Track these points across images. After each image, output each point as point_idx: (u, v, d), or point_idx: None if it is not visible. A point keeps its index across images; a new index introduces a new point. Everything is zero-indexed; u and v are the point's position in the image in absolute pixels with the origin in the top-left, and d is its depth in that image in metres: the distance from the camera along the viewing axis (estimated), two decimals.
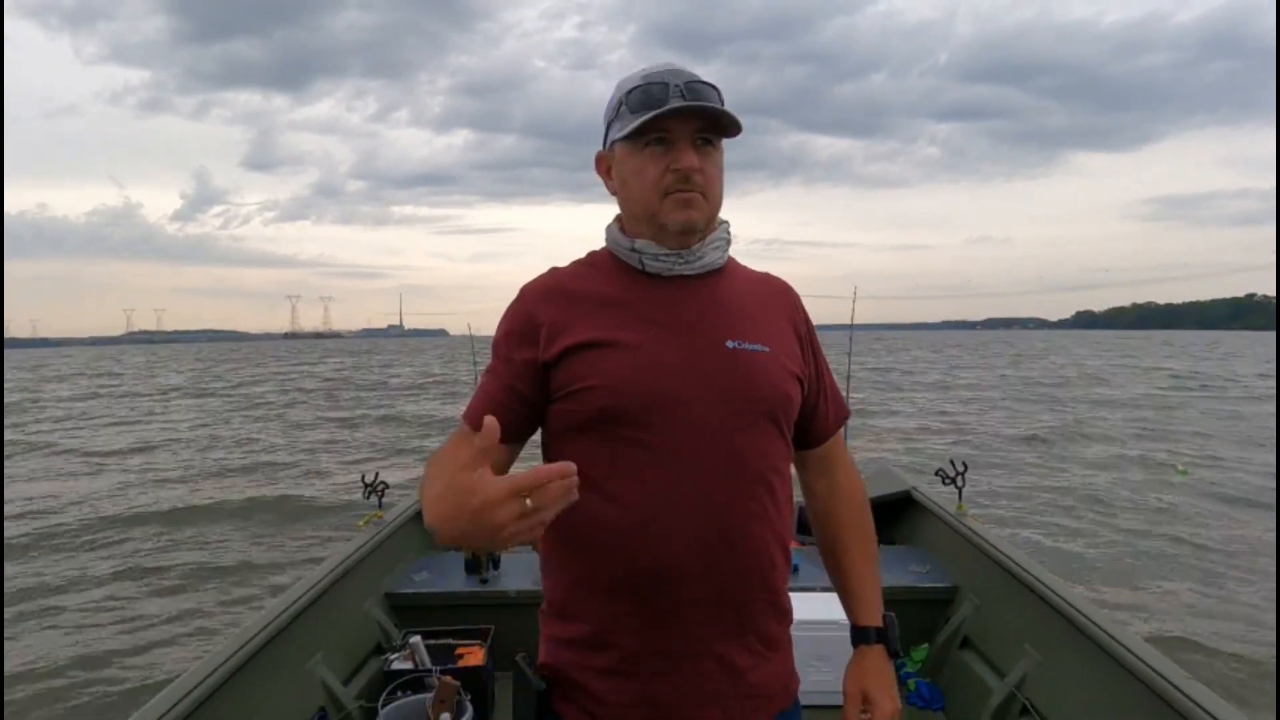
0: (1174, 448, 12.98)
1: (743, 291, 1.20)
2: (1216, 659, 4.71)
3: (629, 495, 1.08)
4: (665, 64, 1.14)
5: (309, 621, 2.48)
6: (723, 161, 1.16)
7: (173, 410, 22.66)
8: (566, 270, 1.21)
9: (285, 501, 9.21)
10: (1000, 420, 17.05)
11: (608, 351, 1.09)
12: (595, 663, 1.11)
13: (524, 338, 1.13)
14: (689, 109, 1.09)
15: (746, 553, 1.10)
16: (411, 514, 3.57)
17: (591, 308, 1.14)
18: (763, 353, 1.14)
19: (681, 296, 1.15)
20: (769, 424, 1.14)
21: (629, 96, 1.12)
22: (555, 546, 1.15)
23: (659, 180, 1.11)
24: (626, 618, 1.09)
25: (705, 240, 1.16)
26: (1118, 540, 7.35)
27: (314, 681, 2.44)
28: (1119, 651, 2.05)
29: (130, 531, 7.89)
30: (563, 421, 1.13)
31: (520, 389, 1.13)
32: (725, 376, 1.11)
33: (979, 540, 2.97)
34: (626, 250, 1.16)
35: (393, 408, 21.26)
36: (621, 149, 1.15)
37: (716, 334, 1.13)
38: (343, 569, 2.78)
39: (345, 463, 12.30)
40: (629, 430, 1.08)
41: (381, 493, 3.44)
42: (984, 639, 2.78)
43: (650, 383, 1.08)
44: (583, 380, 1.09)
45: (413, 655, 2.66)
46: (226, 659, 2.04)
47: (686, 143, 1.10)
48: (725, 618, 1.10)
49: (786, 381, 1.16)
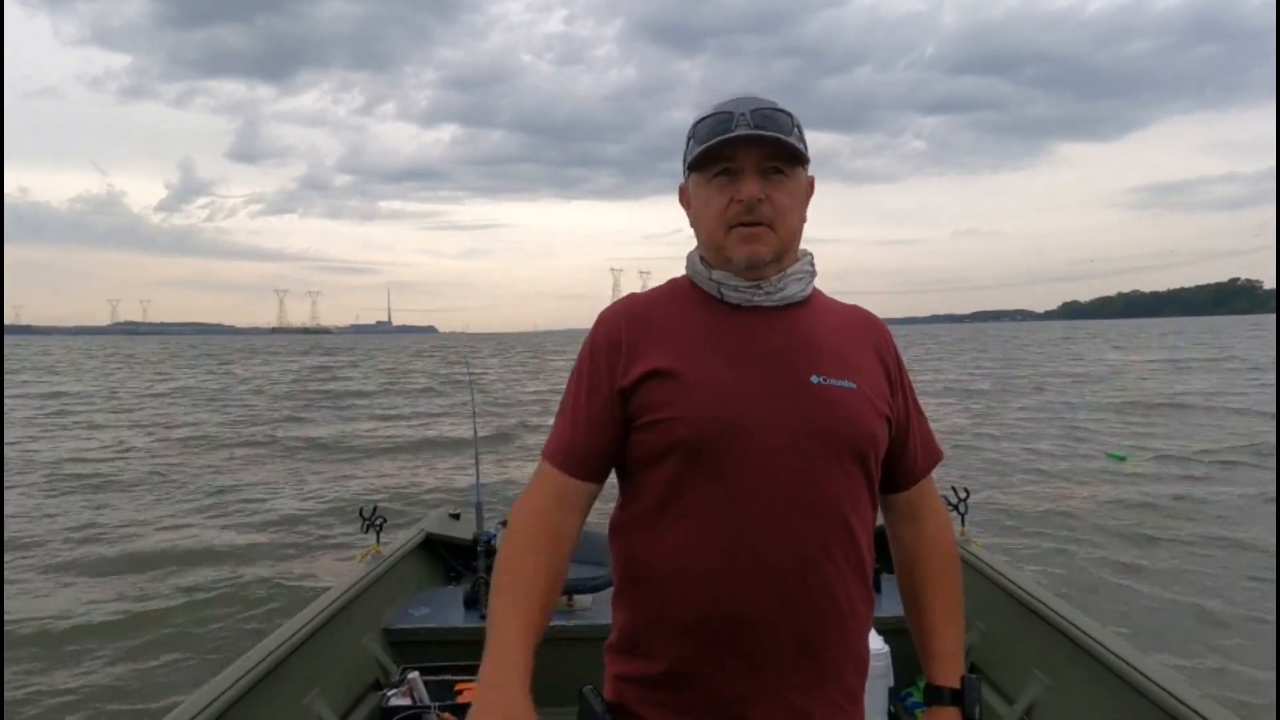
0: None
1: (829, 325, 1.16)
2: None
3: (706, 533, 1.05)
4: (738, 93, 1.12)
5: (306, 656, 2.43)
6: (800, 190, 1.13)
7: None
8: (645, 296, 1.20)
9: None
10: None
11: (687, 382, 1.07)
12: (664, 700, 1.08)
13: (608, 362, 1.12)
14: (748, 138, 1.06)
15: (826, 598, 1.06)
16: (411, 548, 3.52)
17: (670, 334, 1.12)
18: (849, 390, 1.10)
19: (764, 328, 1.12)
20: (854, 464, 1.09)
21: (697, 128, 1.12)
22: (629, 581, 1.12)
23: (724, 211, 1.09)
24: (699, 660, 1.06)
25: (786, 272, 1.13)
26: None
27: (310, 718, 2.40)
28: (1129, 674, 2.02)
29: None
30: (640, 452, 1.10)
31: (608, 420, 1.11)
32: (809, 413, 1.07)
33: (984, 566, 2.95)
34: (706, 280, 1.15)
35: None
36: (694, 180, 1.14)
37: (800, 368, 1.09)
38: (340, 603, 2.73)
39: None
40: (707, 464, 1.05)
41: (380, 526, 3.38)
42: (992, 666, 2.75)
43: (731, 416, 1.05)
44: (661, 410, 1.07)
45: (411, 691, 2.63)
46: (220, 694, 2.00)
47: (752, 172, 1.08)
48: (802, 666, 1.06)
49: (874, 420, 1.11)
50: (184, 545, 7.45)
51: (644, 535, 1.09)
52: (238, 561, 6.92)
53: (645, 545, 1.08)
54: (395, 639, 3.01)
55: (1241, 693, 4.15)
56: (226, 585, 6.24)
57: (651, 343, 1.10)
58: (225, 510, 8.90)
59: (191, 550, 7.27)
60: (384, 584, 3.11)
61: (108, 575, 6.64)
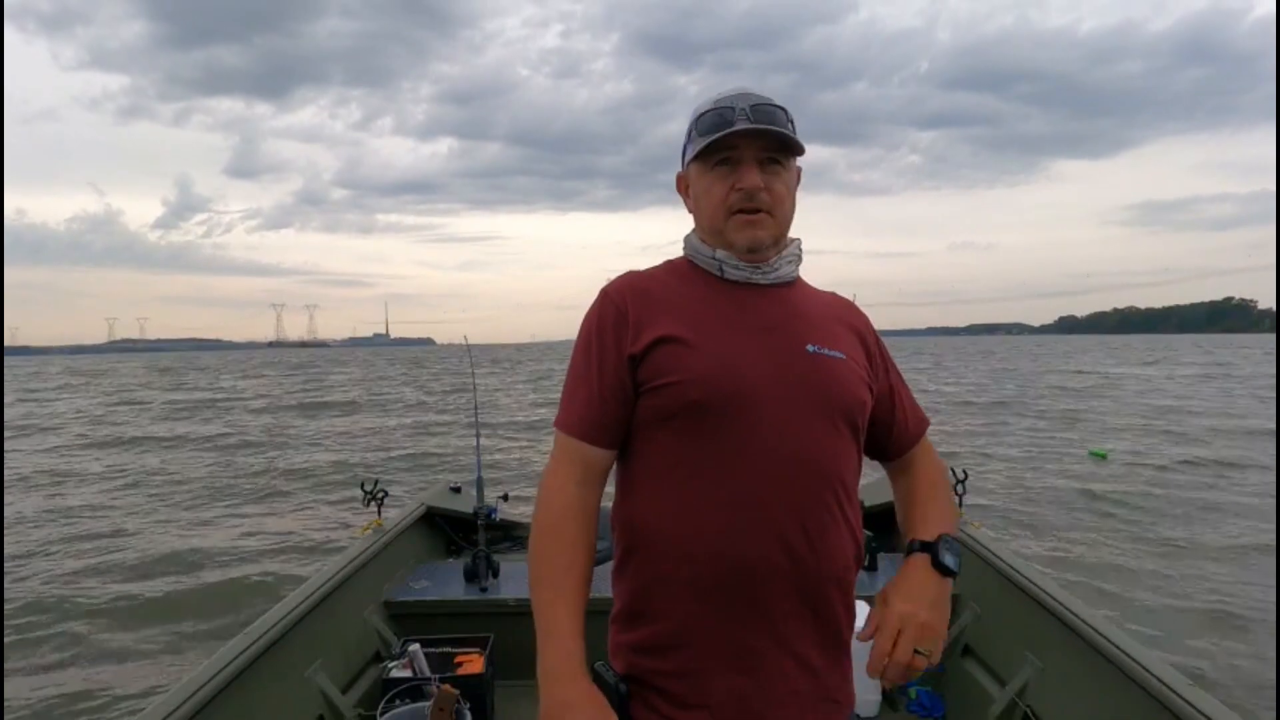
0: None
1: (815, 304, 1.25)
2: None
3: (714, 492, 1.08)
4: (737, 88, 1.19)
5: (308, 629, 2.45)
6: (793, 179, 1.20)
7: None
8: (646, 272, 1.25)
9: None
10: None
11: (694, 348, 1.12)
12: (670, 665, 1.10)
13: (616, 333, 1.16)
14: (750, 131, 1.13)
15: (826, 552, 1.11)
16: (411, 521, 3.53)
17: (675, 305, 1.17)
18: (840, 359, 1.17)
19: (761, 302, 1.19)
20: (846, 427, 1.16)
21: (699, 120, 1.18)
22: (635, 546, 1.15)
23: (725, 198, 1.16)
24: (708, 615, 1.09)
25: (781, 254, 1.21)
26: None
27: (312, 690, 2.42)
28: (1120, 658, 2.05)
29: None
30: (647, 416, 1.14)
31: (620, 386, 1.15)
32: (807, 378, 1.13)
33: (979, 548, 2.97)
34: (707, 258, 1.21)
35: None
36: (695, 169, 1.21)
37: (798, 338, 1.16)
38: (341, 576, 2.75)
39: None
40: (714, 426, 1.09)
41: (381, 500, 3.40)
42: (985, 647, 2.77)
43: (737, 380, 1.10)
44: (670, 374, 1.11)
45: (411, 663, 2.64)
46: (224, 666, 2.02)
47: (752, 163, 1.15)
48: (805, 617, 1.11)
49: (861, 388, 1.19)
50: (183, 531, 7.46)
51: (651, 497, 1.13)
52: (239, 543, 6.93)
53: (653, 507, 1.12)
54: (396, 611, 3.03)
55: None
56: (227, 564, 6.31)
57: (657, 312, 1.16)
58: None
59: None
60: (385, 557, 3.13)
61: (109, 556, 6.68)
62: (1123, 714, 2.00)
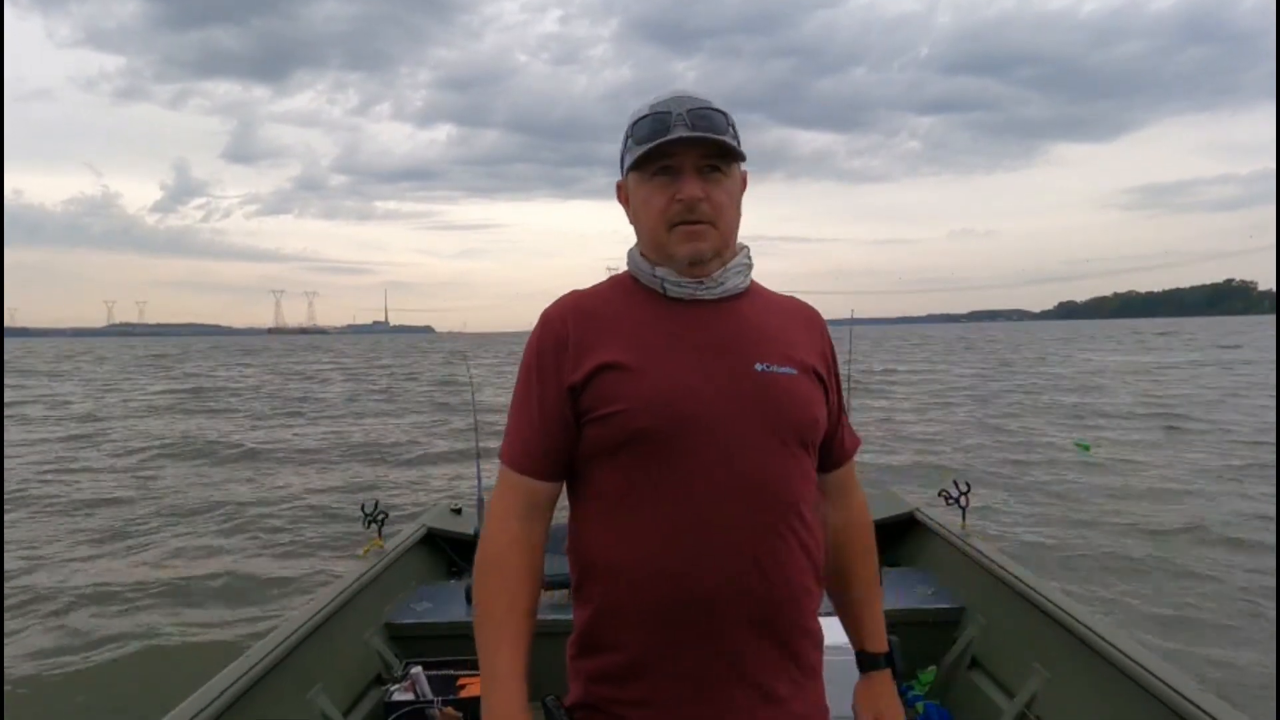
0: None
1: (769, 315, 1.19)
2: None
3: (664, 522, 1.06)
4: (674, 91, 1.14)
5: (309, 652, 2.44)
6: (736, 187, 1.15)
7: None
8: (588, 292, 1.20)
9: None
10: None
11: (637, 374, 1.08)
12: (629, 694, 1.09)
13: (557, 360, 1.12)
14: (687, 139, 1.08)
15: (781, 579, 1.09)
16: (413, 543, 3.52)
17: (618, 329, 1.13)
18: (791, 375, 1.13)
19: (707, 320, 1.14)
20: (799, 447, 1.13)
21: (635, 127, 1.13)
22: (589, 576, 1.13)
23: (665, 210, 1.11)
24: (664, 647, 1.07)
25: (726, 266, 1.16)
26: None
27: (313, 713, 2.40)
28: (1129, 666, 2.03)
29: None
30: (592, 446, 1.11)
31: (562, 417, 1.12)
32: (756, 399, 1.10)
33: (984, 560, 2.96)
34: (649, 275, 1.16)
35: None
36: (633, 178, 1.15)
37: (745, 357, 1.12)
38: (343, 599, 2.74)
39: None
40: (661, 454, 1.06)
41: (382, 521, 3.39)
42: (992, 659, 2.76)
43: (682, 405, 1.07)
44: (613, 403, 1.08)
45: (414, 686, 2.63)
46: (224, 690, 2.00)
47: (692, 172, 1.10)
48: (764, 645, 1.09)
49: (814, 404, 1.15)
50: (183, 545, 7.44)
51: (602, 528, 1.11)
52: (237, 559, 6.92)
53: (604, 538, 1.10)
54: (398, 634, 3.01)
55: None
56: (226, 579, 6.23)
57: (599, 337, 1.12)
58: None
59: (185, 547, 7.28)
60: (386, 579, 3.12)
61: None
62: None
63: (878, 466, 10.18)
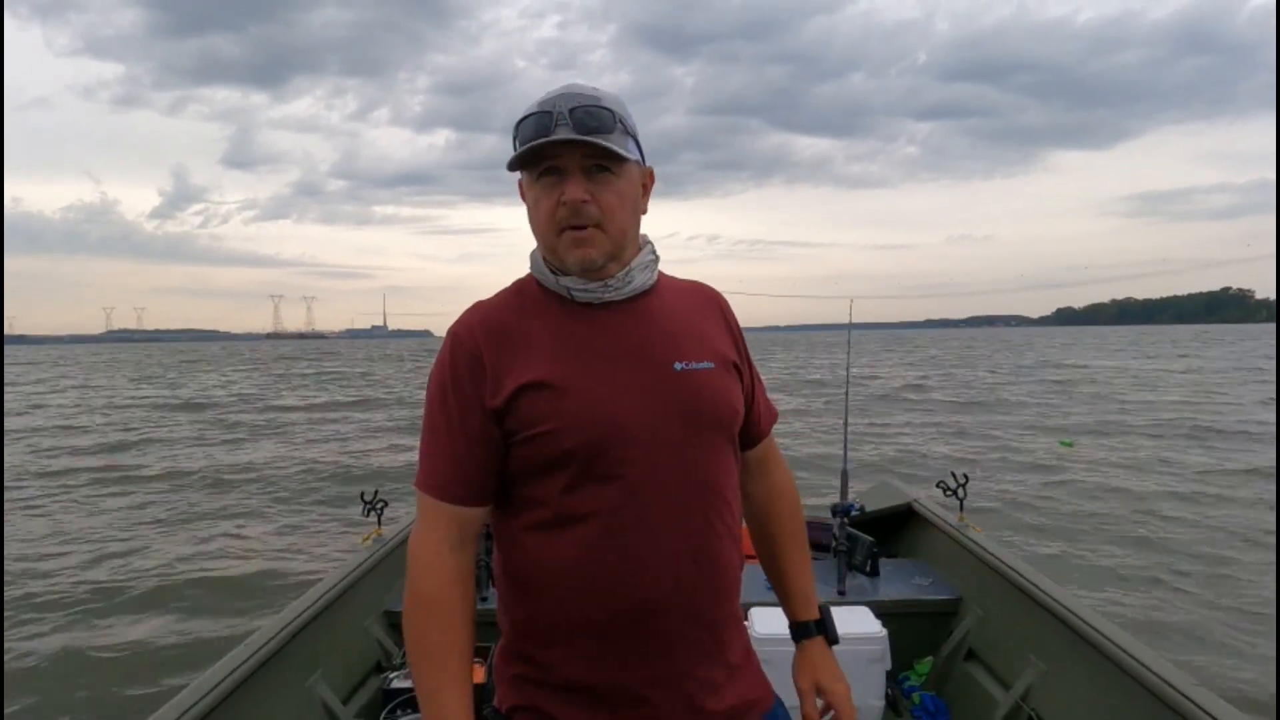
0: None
1: (679, 307, 1.18)
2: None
3: (603, 535, 1.05)
4: (564, 86, 1.08)
5: (308, 639, 2.44)
6: (628, 186, 1.09)
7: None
8: (495, 303, 1.15)
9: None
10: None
11: (561, 391, 1.06)
12: (573, 698, 1.09)
13: (474, 381, 1.08)
14: (567, 140, 1.03)
15: (714, 571, 1.11)
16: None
17: (533, 344, 1.09)
18: (710, 370, 1.13)
19: (620, 323, 1.12)
20: (724, 440, 1.14)
21: (520, 127, 1.07)
22: (521, 589, 1.12)
23: (553, 213, 1.06)
24: (603, 653, 1.08)
25: (629, 266, 1.12)
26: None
27: (313, 700, 2.41)
28: (1124, 660, 2.04)
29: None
30: (521, 465, 1.08)
31: (485, 439, 1.08)
32: (680, 400, 1.09)
33: (981, 551, 2.96)
34: (553, 284, 1.12)
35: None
36: (525, 178, 1.10)
37: (664, 358, 1.11)
38: (342, 586, 2.74)
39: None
40: (594, 467, 1.05)
41: (381, 510, 3.39)
42: (988, 650, 2.77)
43: (610, 419, 1.05)
44: (539, 424, 1.05)
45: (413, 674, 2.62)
46: (224, 677, 2.01)
47: (577, 173, 1.05)
48: (701, 640, 1.11)
49: (734, 396, 1.16)
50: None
51: (536, 544, 1.09)
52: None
53: (538, 554, 1.08)
54: (397, 622, 2.99)
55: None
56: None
57: (514, 355, 1.08)
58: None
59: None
60: (386, 567, 3.11)
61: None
62: (1128, 715, 1.99)
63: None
